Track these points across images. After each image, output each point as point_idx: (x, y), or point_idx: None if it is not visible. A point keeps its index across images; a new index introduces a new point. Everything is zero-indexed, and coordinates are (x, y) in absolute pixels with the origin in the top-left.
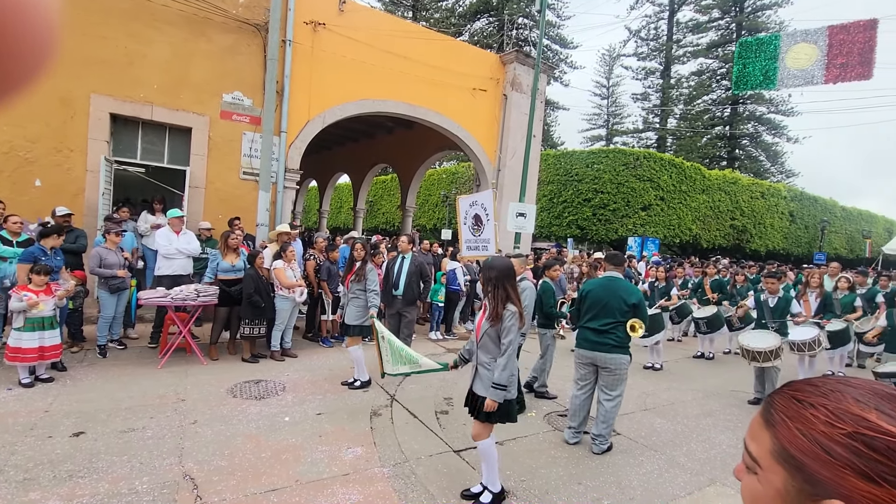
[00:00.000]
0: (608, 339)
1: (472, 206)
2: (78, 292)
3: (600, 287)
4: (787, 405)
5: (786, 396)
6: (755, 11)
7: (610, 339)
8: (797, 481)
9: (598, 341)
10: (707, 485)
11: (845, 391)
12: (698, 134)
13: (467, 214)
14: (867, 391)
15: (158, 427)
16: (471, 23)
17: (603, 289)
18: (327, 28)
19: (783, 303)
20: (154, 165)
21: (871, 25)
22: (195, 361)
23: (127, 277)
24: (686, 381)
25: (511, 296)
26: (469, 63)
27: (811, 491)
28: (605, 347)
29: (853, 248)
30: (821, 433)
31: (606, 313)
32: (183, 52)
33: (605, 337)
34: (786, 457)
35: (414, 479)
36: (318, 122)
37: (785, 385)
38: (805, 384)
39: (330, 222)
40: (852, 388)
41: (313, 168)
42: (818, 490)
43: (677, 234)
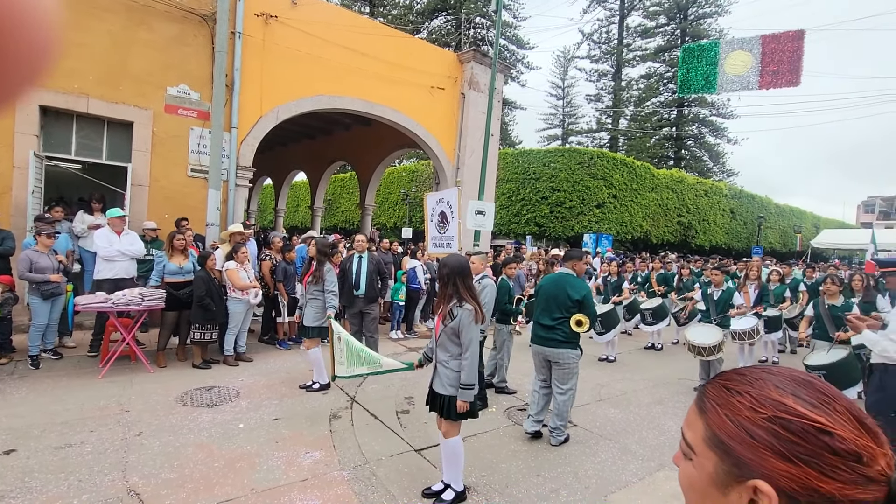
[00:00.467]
0: (555, 335)
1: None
2: (6, 299)
3: (551, 283)
4: (718, 394)
5: (717, 386)
6: (697, 19)
7: (557, 335)
8: (726, 464)
9: (546, 336)
10: (657, 470)
11: (768, 379)
12: (647, 135)
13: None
14: (786, 378)
15: (99, 441)
16: (428, 20)
17: (553, 285)
18: (280, 21)
19: (726, 295)
20: (91, 162)
21: (798, 36)
22: (141, 369)
23: (62, 282)
24: (638, 372)
25: (465, 293)
26: (427, 61)
27: (738, 473)
28: (552, 342)
29: (786, 243)
30: (745, 418)
31: (554, 308)
32: (122, 42)
33: (552, 332)
34: (716, 442)
35: (374, 481)
36: (271, 117)
37: (717, 375)
38: (734, 373)
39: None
40: (774, 375)
41: (268, 165)
42: (744, 472)
43: (629, 230)
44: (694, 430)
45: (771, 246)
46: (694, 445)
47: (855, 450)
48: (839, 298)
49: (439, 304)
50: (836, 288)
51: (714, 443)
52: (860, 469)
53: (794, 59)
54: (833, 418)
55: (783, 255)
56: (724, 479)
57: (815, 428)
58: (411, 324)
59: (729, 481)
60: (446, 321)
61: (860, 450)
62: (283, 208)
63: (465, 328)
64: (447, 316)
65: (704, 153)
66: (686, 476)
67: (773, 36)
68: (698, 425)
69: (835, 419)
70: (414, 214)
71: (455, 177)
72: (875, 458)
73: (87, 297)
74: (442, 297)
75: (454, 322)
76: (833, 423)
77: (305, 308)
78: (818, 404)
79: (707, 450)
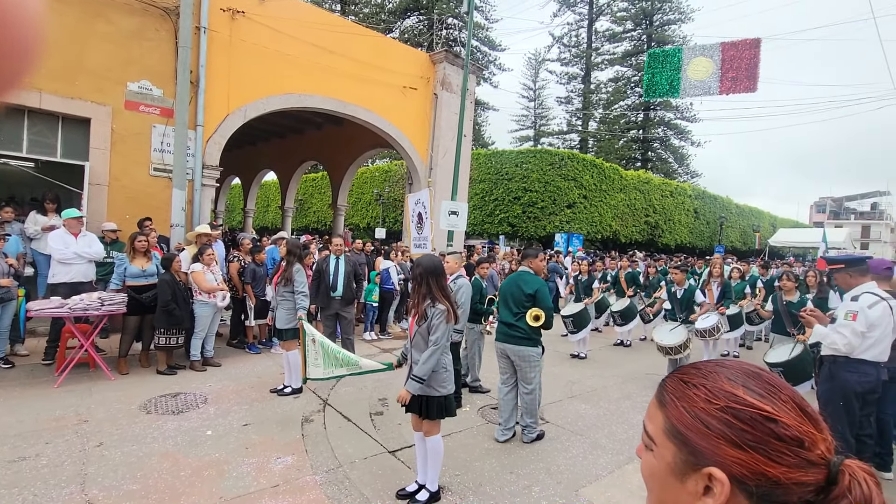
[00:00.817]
0: (515, 332)
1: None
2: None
3: (510, 281)
4: (676, 387)
5: (675, 380)
6: (662, 25)
7: (517, 332)
8: (683, 453)
9: (508, 333)
10: (626, 463)
11: (721, 372)
12: (616, 137)
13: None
14: (738, 371)
15: (55, 453)
16: (401, 20)
17: (511, 283)
18: (247, 17)
19: (688, 293)
20: (45, 160)
21: (755, 44)
22: (101, 377)
23: (12, 287)
24: (608, 368)
25: (438, 293)
26: (399, 61)
27: (694, 461)
28: (513, 339)
29: (746, 241)
30: (700, 409)
31: (513, 305)
32: (77, 35)
33: (514, 329)
34: (674, 432)
35: (348, 484)
36: (238, 115)
37: (676, 370)
38: (691, 367)
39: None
40: (727, 368)
41: (236, 164)
42: (699, 460)
43: (599, 230)
44: (654, 423)
45: (732, 244)
46: (654, 437)
47: (798, 436)
48: (795, 294)
49: (413, 304)
50: (791, 284)
51: (672, 433)
52: (802, 453)
53: (751, 66)
54: (778, 407)
55: (743, 253)
56: (681, 467)
57: (762, 416)
58: (385, 325)
59: (686, 469)
60: (420, 322)
61: (802, 435)
62: (253, 208)
63: (436, 327)
64: (421, 316)
65: (670, 155)
66: (648, 466)
67: (732, 44)
68: (658, 417)
69: (780, 407)
70: (387, 215)
71: (428, 177)
72: (815, 443)
73: (41, 303)
74: (416, 298)
75: (427, 322)
76: (778, 411)
77: (277, 310)
78: (765, 394)
79: (666, 440)
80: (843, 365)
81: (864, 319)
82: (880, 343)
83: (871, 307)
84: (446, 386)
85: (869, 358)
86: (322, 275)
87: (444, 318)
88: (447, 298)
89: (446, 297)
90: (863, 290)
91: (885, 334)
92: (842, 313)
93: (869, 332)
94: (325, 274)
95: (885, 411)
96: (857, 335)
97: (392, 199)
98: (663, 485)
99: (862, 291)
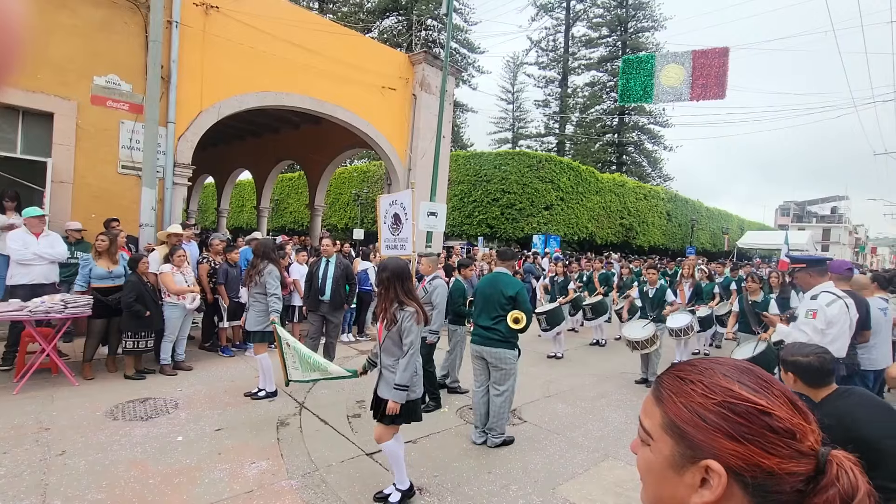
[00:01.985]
0: (493, 335)
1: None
2: None
3: (487, 283)
4: (672, 383)
5: (672, 376)
6: (636, 32)
7: (495, 335)
8: (681, 447)
9: (485, 336)
10: (601, 460)
11: (716, 368)
12: (592, 140)
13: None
14: (731, 367)
15: (13, 463)
16: (380, 20)
17: (488, 284)
18: (221, 12)
19: (660, 293)
20: (3, 156)
21: (723, 53)
22: (64, 383)
23: None
24: (584, 367)
25: (405, 296)
26: (378, 61)
27: (692, 454)
28: (490, 342)
29: (716, 243)
30: (698, 404)
31: (491, 308)
32: (39, 26)
33: (491, 332)
34: (672, 427)
35: (325, 488)
36: (212, 113)
37: (671, 367)
38: (686, 365)
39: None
40: (720, 365)
41: (209, 163)
42: (696, 453)
43: (576, 231)
44: (651, 418)
45: (702, 246)
46: (651, 432)
47: (790, 428)
48: (760, 294)
49: (381, 309)
50: (755, 285)
51: (670, 428)
52: (795, 445)
53: (720, 74)
54: (772, 401)
55: (713, 254)
56: (679, 461)
57: (757, 410)
58: (363, 326)
59: (684, 463)
60: (390, 326)
61: (794, 428)
62: (227, 208)
63: (408, 330)
64: (391, 321)
65: (644, 159)
66: (644, 461)
67: (702, 52)
68: (655, 413)
69: (773, 401)
70: (366, 215)
71: (407, 178)
72: (806, 435)
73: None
74: (384, 302)
75: (397, 326)
76: (772, 404)
77: (248, 311)
78: (759, 389)
79: (664, 435)
80: None
81: (822, 317)
82: (838, 339)
83: (828, 305)
84: (415, 389)
85: None
86: (313, 278)
87: (414, 321)
88: (415, 300)
89: (414, 299)
90: (821, 290)
91: (842, 331)
92: (802, 312)
93: (827, 330)
94: (315, 277)
95: None
96: (818, 332)
97: (370, 199)
98: (660, 478)
99: (820, 290)
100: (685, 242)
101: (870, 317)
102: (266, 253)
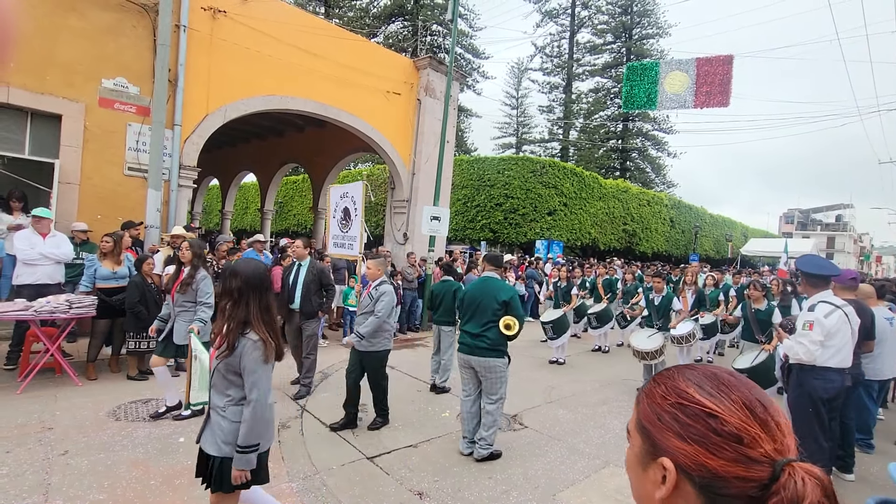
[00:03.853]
0: (482, 342)
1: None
2: None
3: (475, 288)
4: (647, 386)
5: (651, 381)
6: (641, 39)
7: (483, 342)
8: (646, 445)
9: (473, 344)
10: (602, 467)
11: (684, 373)
12: (596, 146)
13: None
14: (699, 373)
15: (16, 463)
16: (385, 25)
17: (478, 289)
18: (228, 16)
19: (666, 301)
20: (11, 156)
21: (728, 60)
22: (67, 383)
23: None
24: (586, 373)
25: (258, 318)
26: (383, 66)
27: (653, 452)
28: (479, 351)
29: (719, 250)
30: (657, 404)
31: (481, 314)
32: (49, 29)
33: (479, 339)
34: (640, 426)
35: (325, 491)
36: (218, 116)
37: (655, 374)
38: (665, 370)
39: (234, 224)
40: (690, 370)
41: (214, 165)
42: (657, 451)
43: (578, 237)
44: (631, 419)
45: (706, 253)
46: (630, 431)
47: (735, 432)
48: (763, 302)
49: (219, 328)
50: (759, 293)
51: (639, 427)
52: (741, 449)
53: (724, 82)
54: (724, 405)
55: (717, 261)
56: (644, 458)
57: (704, 412)
58: None
59: (647, 460)
60: (225, 354)
61: (741, 433)
62: (231, 210)
63: (249, 370)
64: (230, 346)
65: (647, 165)
66: (627, 458)
67: (707, 59)
68: (633, 413)
69: (725, 406)
70: (369, 219)
71: (411, 182)
72: (757, 442)
73: (4, 305)
74: (225, 321)
75: (234, 355)
76: (721, 408)
77: (176, 321)
78: (715, 393)
79: (636, 433)
80: (810, 372)
81: (819, 329)
82: (842, 350)
83: (826, 316)
84: (264, 442)
85: (833, 365)
86: (283, 284)
87: (259, 355)
88: (270, 325)
89: (268, 322)
90: (818, 300)
91: (844, 341)
92: (800, 324)
93: (829, 342)
94: (286, 283)
95: (848, 415)
96: (816, 344)
97: (374, 203)
98: (636, 475)
99: (818, 301)
100: (688, 249)
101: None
102: (201, 255)
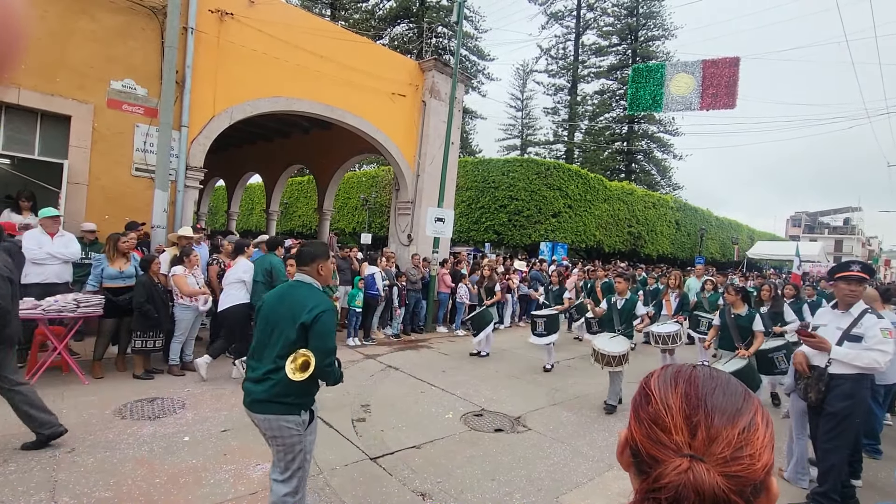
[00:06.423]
0: (263, 388)
1: None
2: None
3: (275, 299)
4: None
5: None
6: (647, 41)
7: (265, 387)
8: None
9: (254, 390)
10: (606, 470)
11: (668, 368)
12: (601, 148)
13: None
14: (675, 368)
15: (24, 460)
16: (391, 27)
17: (276, 301)
18: (236, 19)
19: (629, 304)
20: (21, 157)
21: (734, 62)
22: (74, 381)
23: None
24: (590, 376)
25: None
26: (388, 67)
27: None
28: (260, 405)
29: (725, 253)
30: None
31: (274, 342)
32: (59, 31)
33: (262, 384)
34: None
35: (328, 491)
36: (225, 117)
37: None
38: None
39: (240, 225)
40: (672, 367)
41: (220, 166)
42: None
43: (583, 239)
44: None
45: (711, 256)
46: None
47: (654, 414)
48: (743, 308)
49: None
50: (733, 297)
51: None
52: (655, 431)
53: (730, 84)
54: (661, 392)
55: (722, 264)
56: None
57: (645, 393)
58: (369, 331)
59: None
60: None
61: (658, 416)
62: (237, 211)
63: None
64: None
65: (653, 167)
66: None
67: (713, 61)
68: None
69: (662, 393)
70: (373, 220)
71: (416, 183)
72: (672, 430)
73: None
74: None
75: None
76: (658, 394)
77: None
78: (666, 383)
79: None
80: (862, 382)
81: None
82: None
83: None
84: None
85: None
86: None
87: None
88: None
89: None
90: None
91: None
92: (877, 331)
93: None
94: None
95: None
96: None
97: (378, 204)
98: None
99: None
100: (694, 252)
101: None
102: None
